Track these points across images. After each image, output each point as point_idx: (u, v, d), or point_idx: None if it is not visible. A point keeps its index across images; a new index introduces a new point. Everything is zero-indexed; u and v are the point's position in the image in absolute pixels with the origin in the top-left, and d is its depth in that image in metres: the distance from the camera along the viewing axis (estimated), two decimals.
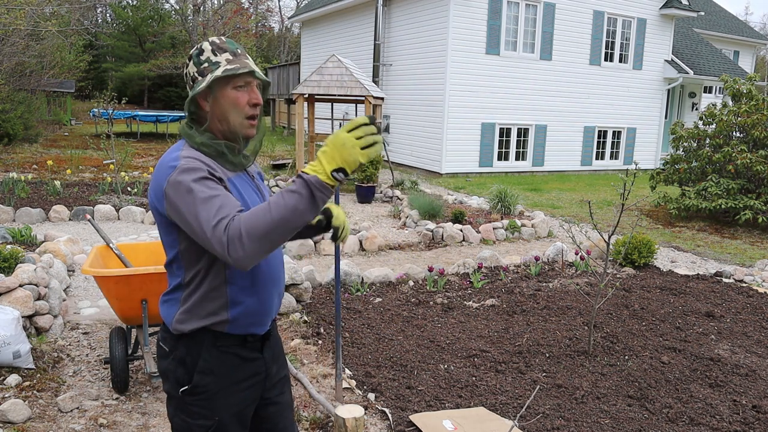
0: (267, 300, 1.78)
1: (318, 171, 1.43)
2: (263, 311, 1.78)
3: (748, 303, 5.41)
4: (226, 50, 1.69)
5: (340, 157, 1.42)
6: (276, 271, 1.81)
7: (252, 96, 1.69)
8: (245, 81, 1.69)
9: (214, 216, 1.48)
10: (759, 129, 9.45)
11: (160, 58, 31.09)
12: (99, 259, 3.52)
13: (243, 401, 1.79)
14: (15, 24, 11.71)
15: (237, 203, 1.53)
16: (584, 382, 3.74)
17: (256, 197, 1.78)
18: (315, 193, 1.42)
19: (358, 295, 5.25)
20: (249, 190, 1.76)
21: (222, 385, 1.73)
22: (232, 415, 1.77)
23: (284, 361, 1.99)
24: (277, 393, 1.93)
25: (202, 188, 1.52)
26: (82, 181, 9.93)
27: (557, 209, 10.30)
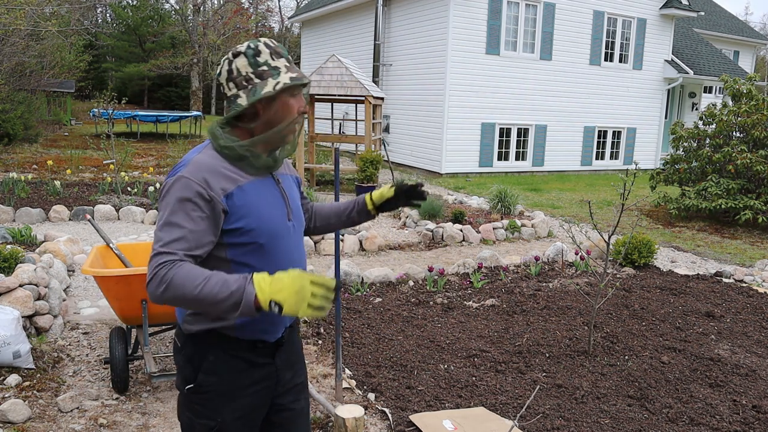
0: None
1: (263, 291, 1.44)
2: (273, 320, 1.74)
3: (748, 303, 5.41)
4: (281, 55, 1.71)
5: (289, 297, 1.44)
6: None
7: (301, 104, 1.72)
8: (298, 90, 1.73)
9: (165, 243, 1.53)
10: (759, 129, 9.45)
11: (160, 58, 31.09)
12: (99, 259, 3.52)
13: (248, 406, 1.76)
14: (15, 24, 11.71)
15: (195, 245, 1.54)
16: (584, 382, 3.74)
17: (277, 202, 1.74)
18: (242, 307, 1.44)
19: (358, 295, 5.25)
20: (267, 196, 1.71)
21: (226, 388, 1.72)
22: (236, 419, 1.75)
23: (301, 367, 1.95)
24: (291, 399, 1.89)
25: (178, 209, 1.56)
26: (82, 181, 9.94)
27: (557, 209, 10.30)
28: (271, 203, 1.71)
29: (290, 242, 1.76)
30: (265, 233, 1.67)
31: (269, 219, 1.69)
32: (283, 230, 1.73)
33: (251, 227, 1.65)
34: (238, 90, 1.68)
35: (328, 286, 1.47)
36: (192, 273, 1.47)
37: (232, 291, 1.45)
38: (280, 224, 1.72)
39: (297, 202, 1.85)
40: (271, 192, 1.74)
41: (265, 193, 1.71)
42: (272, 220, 1.70)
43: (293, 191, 1.86)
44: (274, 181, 1.77)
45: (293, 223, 1.79)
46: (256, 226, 1.66)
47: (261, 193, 1.70)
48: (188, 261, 1.54)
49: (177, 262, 1.50)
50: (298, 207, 1.85)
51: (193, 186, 1.57)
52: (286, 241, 1.74)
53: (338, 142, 12.26)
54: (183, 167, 1.62)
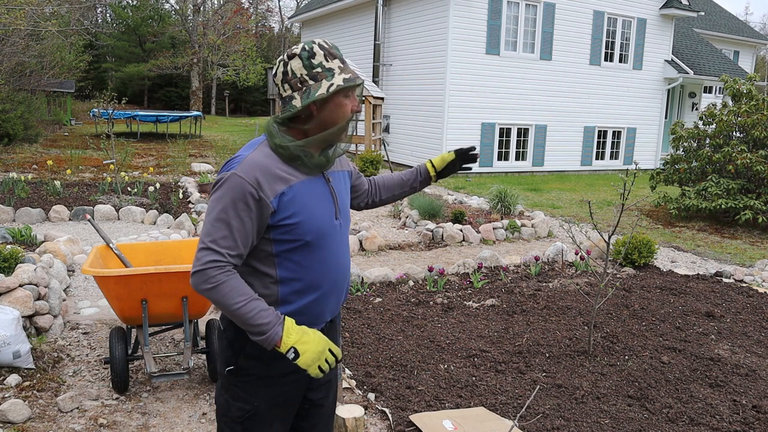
0: (321, 303, 1.79)
1: (288, 337, 1.64)
2: (316, 313, 1.79)
3: (748, 303, 5.41)
4: (335, 56, 1.73)
5: (310, 354, 1.64)
6: (335, 275, 1.80)
7: (354, 104, 1.75)
8: (351, 90, 1.76)
9: (214, 239, 1.64)
10: (759, 129, 9.45)
11: (160, 58, 31.09)
12: (99, 259, 3.52)
13: (284, 394, 1.81)
14: (15, 24, 11.71)
15: (241, 243, 1.66)
16: (584, 382, 3.74)
17: (325, 201, 1.77)
18: (263, 339, 1.63)
19: (358, 295, 5.25)
20: (317, 194, 1.75)
21: (265, 373, 1.77)
22: (272, 406, 1.80)
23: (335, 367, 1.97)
24: (321, 395, 1.92)
25: (229, 207, 1.64)
26: (82, 181, 9.94)
27: (557, 209, 10.30)
28: (320, 202, 1.75)
29: (336, 241, 1.80)
30: (312, 231, 1.72)
31: (317, 217, 1.73)
32: (330, 229, 1.77)
33: (299, 225, 1.69)
34: (293, 91, 1.71)
35: (338, 357, 1.67)
36: (238, 288, 1.63)
37: (263, 323, 1.62)
38: (328, 223, 1.76)
39: (346, 200, 1.88)
40: (321, 190, 1.77)
41: (314, 192, 1.75)
42: (320, 218, 1.74)
43: (343, 188, 1.89)
44: (325, 180, 1.80)
45: (340, 221, 1.82)
46: (304, 224, 1.70)
47: (311, 192, 1.74)
48: (235, 265, 1.67)
49: (227, 266, 1.64)
50: (346, 205, 1.88)
51: (245, 186, 1.63)
52: (333, 240, 1.78)
53: None
54: (237, 164, 1.67)
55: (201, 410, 3.32)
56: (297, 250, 1.71)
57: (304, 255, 1.72)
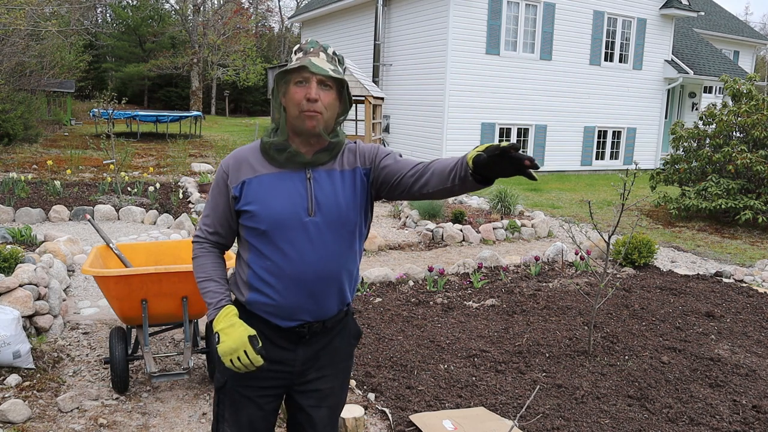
0: (287, 297, 1.79)
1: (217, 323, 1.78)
2: (282, 306, 1.79)
3: (748, 303, 5.41)
4: (302, 49, 1.77)
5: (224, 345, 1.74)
6: (301, 272, 1.77)
7: (307, 91, 1.71)
8: (302, 77, 1.72)
9: (201, 219, 1.93)
10: (759, 129, 9.45)
11: (160, 58, 31.08)
12: (99, 259, 3.52)
13: (254, 379, 1.84)
14: (15, 24, 11.70)
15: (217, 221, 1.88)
16: (584, 382, 3.74)
17: (293, 196, 1.76)
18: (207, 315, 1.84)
19: (358, 295, 5.25)
20: (281, 189, 1.77)
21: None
22: (239, 386, 1.85)
23: (334, 377, 1.92)
24: (311, 404, 1.90)
25: (211, 190, 1.89)
26: (82, 181, 9.93)
27: (557, 209, 10.30)
28: (283, 195, 1.76)
29: (304, 237, 1.76)
30: (266, 221, 1.75)
31: (273, 209, 1.75)
32: (293, 223, 1.76)
33: (255, 214, 1.77)
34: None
35: (253, 362, 1.73)
36: (204, 266, 1.87)
37: (209, 302, 1.82)
38: (289, 217, 1.75)
39: (333, 199, 1.78)
40: (292, 185, 1.78)
41: (280, 185, 1.77)
42: (277, 211, 1.75)
43: (333, 187, 1.79)
44: (304, 177, 1.79)
45: (317, 219, 1.76)
46: (259, 213, 1.76)
47: (276, 185, 1.78)
48: (211, 240, 1.89)
49: (204, 243, 1.90)
50: (334, 204, 1.78)
51: (220, 172, 1.85)
52: (298, 236, 1.76)
53: None
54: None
55: (201, 410, 3.32)
56: (257, 238, 1.79)
57: (263, 244, 1.78)
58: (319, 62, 1.72)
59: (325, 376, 1.90)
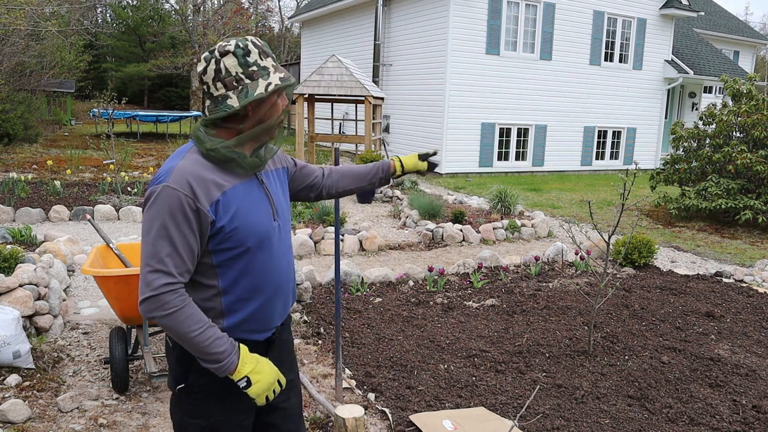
0: (268, 308, 1.75)
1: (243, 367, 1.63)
2: (264, 319, 1.75)
3: (748, 303, 5.41)
4: (269, 54, 1.69)
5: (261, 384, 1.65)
6: (278, 278, 1.76)
7: (284, 102, 1.74)
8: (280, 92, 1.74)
9: (160, 260, 1.54)
10: (759, 129, 9.45)
11: (160, 58, 31.06)
12: (99, 259, 3.52)
13: (239, 405, 1.76)
14: (15, 24, 11.70)
15: (188, 259, 1.58)
16: (584, 382, 3.74)
17: (262, 204, 1.72)
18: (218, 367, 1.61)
19: (358, 295, 5.25)
20: (252, 198, 1.70)
21: (218, 388, 1.72)
22: (228, 419, 1.75)
23: (291, 364, 1.94)
24: (282, 399, 1.88)
25: (168, 223, 1.54)
26: (82, 181, 9.93)
27: (557, 209, 10.30)
28: (257, 205, 1.70)
29: (277, 244, 1.75)
30: (251, 236, 1.66)
31: (255, 222, 1.67)
32: (270, 231, 1.72)
33: (237, 231, 1.63)
34: (227, 90, 1.65)
35: (283, 386, 1.72)
36: (194, 316, 1.57)
37: (218, 351, 1.58)
38: (267, 226, 1.71)
39: (282, 200, 1.83)
40: (257, 193, 1.72)
41: (250, 196, 1.69)
42: (258, 222, 1.68)
43: (278, 188, 1.84)
44: (258, 182, 1.75)
45: (279, 223, 1.77)
46: (243, 229, 1.64)
47: (246, 196, 1.68)
48: (185, 284, 1.60)
49: (180, 288, 1.57)
50: (283, 205, 1.83)
51: (180, 197, 1.55)
52: (273, 243, 1.74)
53: (338, 142, 12.26)
54: (167, 175, 1.58)
55: None
56: (238, 258, 1.65)
57: (246, 262, 1.66)
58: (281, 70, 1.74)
59: (287, 366, 1.91)
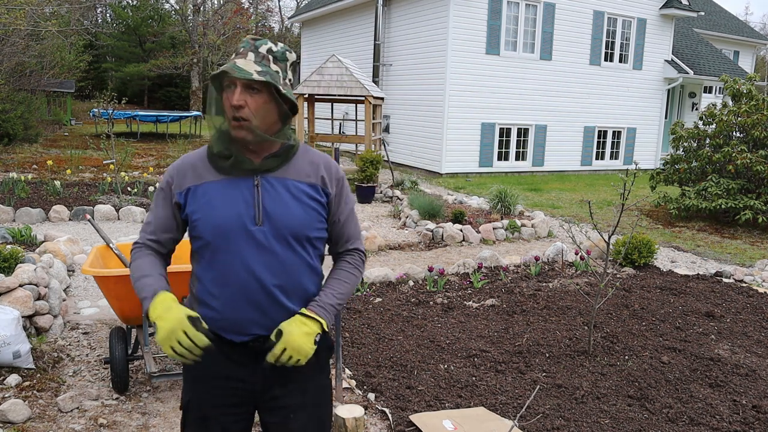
0: (235, 311, 1.70)
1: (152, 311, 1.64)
2: (231, 319, 1.71)
3: (748, 303, 5.41)
4: (238, 52, 1.68)
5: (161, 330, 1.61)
6: (246, 284, 1.68)
7: (232, 98, 1.62)
8: (229, 81, 1.64)
9: (143, 225, 1.84)
10: (759, 129, 9.45)
11: (160, 58, 31.07)
12: (99, 259, 3.52)
13: (214, 398, 1.75)
14: (15, 24, 11.70)
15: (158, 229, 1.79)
16: (584, 382, 3.74)
17: (236, 205, 1.68)
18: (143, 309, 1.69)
19: (358, 295, 5.25)
20: (226, 196, 1.68)
21: (198, 370, 1.77)
22: (199, 405, 1.77)
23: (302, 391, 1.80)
24: (276, 420, 1.79)
25: (154, 197, 1.83)
26: (82, 181, 9.93)
27: (557, 209, 10.30)
28: (227, 203, 1.67)
29: (248, 246, 1.68)
30: (210, 231, 1.68)
31: (216, 217, 1.67)
32: (238, 232, 1.67)
33: (198, 223, 1.70)
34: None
35: (198, 344, 1.59)
36: (139, 266, 1.74)
37: (143, 296, 1.69)
38: (233, 225, 1.67)
39: (281, 209, 1.70)
40: (237, 193, 1.69)
41: (225, 193, 1.69)
42: (221, 219, 1.67)
43: (282, 197, 1.71)
44: (252, 184, 1.70)
45: (264, 228, 1.68)
46: (202, 222, 1.69)
47: (220, 192, 1.69)
48: (150, 246, 1.79)
49: (141, 248, 1.79)
50: (281, 214, 1.70)
51: (165, 177, 1.78)
52: (242, 246, 1.67)
53: (338, 142, 12.26)
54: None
55: None
56: (203, 249, 1.72)
57: (209, 254, 1.70)
58: (244, 64, 1.61)
59: (291, 392, 1.78)
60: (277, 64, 1.68)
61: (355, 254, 1.92)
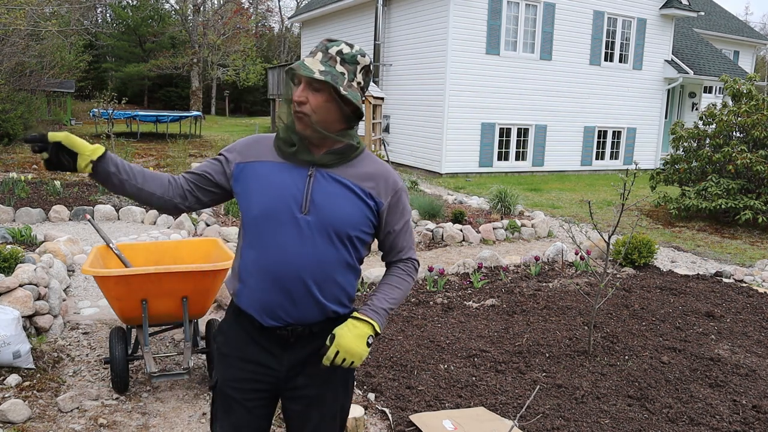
0: (266, 292, 1.74)
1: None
2: (261, 300, 1.75)
3: (748, 303, 5.41)
4: (313, 53, 1.75)
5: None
6: (280, 269, 1.72)
7: (296, 93, 1.71)
8: (296, 77, 1.73)
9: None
10: (759, 129, 9.45)
11: (160, 58, 31.08)
12: (99, 259, 3.52)
13: (240, 381, 1.81)
14: (15, 24, 11.70)
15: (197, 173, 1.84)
16: (584, 382, 3.74)
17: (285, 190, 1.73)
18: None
19: (358, 294, 5.25)
20: (276, 180, 1.75)
21: (227, 351, 1.85)
22: (224, 386, 1.84)
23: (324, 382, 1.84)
24: (298, 408, 1.85)
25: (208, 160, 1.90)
26: (82, 181, 9.93)
27: (557, 209, 10.30)
28: (279, 186, 1.74)
29: (291, 232, 1.72)
30: (256, 207, 1.74)
31: (265, 196, 1.74)
32: (282, 217, 1.72)
33: (247, 197, 1.77)
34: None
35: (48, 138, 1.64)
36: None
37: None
38: (278, 209, 1.72)
39: (331, 203, 1.73)
40: (290, 178, 1.75)
41: (279, 176, 1.76)
42: (266, 200, 1.74)
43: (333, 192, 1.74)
44: (306, 174, 1.75)
45: (310, 218, 1.71)
46: (251, 197, 1.76)
47: (272, 175, 1.76)
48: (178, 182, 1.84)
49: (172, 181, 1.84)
50: (331, 208, 1.73)
51: (232, 145, 1.87)
52: (284, 229, 1.72)
53: None
54: None
55: (201, 410, 3.32)
56: (248, 226, 1.77)
57: (253, 233, 1.76)
58: (311, 63, 1.68)
59: (315, 382, 1.83)
60: (344, 66, 1.71)
61: (408, 263, 1.94)
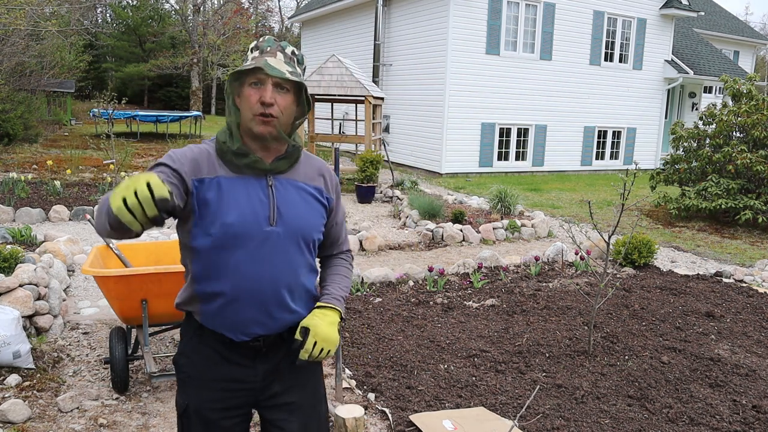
0: (238, 312, 1.67)
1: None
2: (236, 321, 1.68)
3: (748, 303, 5.41)
4: (258, 48, 1.67)
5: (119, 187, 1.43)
6: (251, 286, 1.66)
7: (262, 94, 1.60)
8: (257, 78, 1.61)
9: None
10: (759, 129, 9.45)
11: (160, 58, 31.09)
12: (99, 259, 3.52)
13: (215, 401, 1.73)
14: (15, 24, 11.69)
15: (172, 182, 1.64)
16: (584, 382, 3.74)
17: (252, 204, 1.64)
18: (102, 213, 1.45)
19: (358, 295, 5.25)
20: (241, 195, 1.64)
21: (195, 374, 1.75)
22: (199, 409, 1.73)
23: (301, 389, 1.81)
24: (281, 417, 1.79)
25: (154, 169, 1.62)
26: (82, 181, 9.93)
27: (557, 209, 10.30)
28: (245, 202, 1.64)
29: (261, 248, 1.66)
30: (222, 227, 1.61)
31: (232, 215, 1.62)
32: (251, 231, 1.64)
33: (210, 218, 1.62)
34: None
35: (157, 196, 1.29)
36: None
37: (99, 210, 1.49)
38: (248, 224, 1.64)
39: (293, 211, 1.70)
40: (251, 192, 1.66)
41: (242, 191, 1.65)
42: (236, 217, 1.62)
43: (295, 200, 1.72)
44: (265, 184, 1.68)
45: (278, 229, 1.67)
46: (214, 218, 1.61)
47: (237, 189, 1.64)
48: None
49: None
50: (294, 215, 1.70)
51: (167, 157, 1.62)
52: (254, 244, 1.65)
53: (338, 142, 12.26)
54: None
55: None
56: (207, 247, 1.63)
57: (216, 252, 1.63)
58: (276, 63, 1.60)
59: (291, 387, 1.79)
60: (299, 67, 1.70)
61: (348, 254, 1.99)
